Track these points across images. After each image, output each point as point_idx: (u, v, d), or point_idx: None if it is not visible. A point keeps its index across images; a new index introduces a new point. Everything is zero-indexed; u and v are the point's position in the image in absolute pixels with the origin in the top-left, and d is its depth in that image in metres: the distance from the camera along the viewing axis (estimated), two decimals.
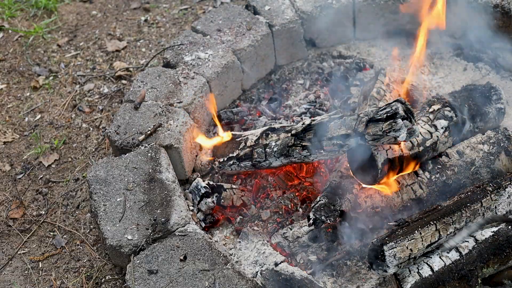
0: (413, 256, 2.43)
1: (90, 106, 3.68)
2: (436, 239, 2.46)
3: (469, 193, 2.60)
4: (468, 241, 2.49)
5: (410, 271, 2.41)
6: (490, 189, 2.60)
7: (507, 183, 2.64)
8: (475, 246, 2.47)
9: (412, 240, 2.41)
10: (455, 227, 2.50)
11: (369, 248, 2.45)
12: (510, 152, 2.85)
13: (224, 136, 3.07)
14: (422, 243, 2.43)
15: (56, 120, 3.61)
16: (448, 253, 2.46)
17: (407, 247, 2.40)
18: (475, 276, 2.43)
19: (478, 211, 2.55)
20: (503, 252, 2.47)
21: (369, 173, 2.66)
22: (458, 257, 2.44)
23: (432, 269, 2.41)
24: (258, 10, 3.61)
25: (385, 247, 2.38)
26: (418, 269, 2.41)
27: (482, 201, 2.57)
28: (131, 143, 2.98)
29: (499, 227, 2.51)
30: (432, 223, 2.46)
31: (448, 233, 2.49)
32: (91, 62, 3.97)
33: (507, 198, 2.62)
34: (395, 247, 2.38)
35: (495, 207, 2.58)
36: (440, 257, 2.45)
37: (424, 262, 2.44)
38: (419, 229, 2.43)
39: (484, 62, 3.53)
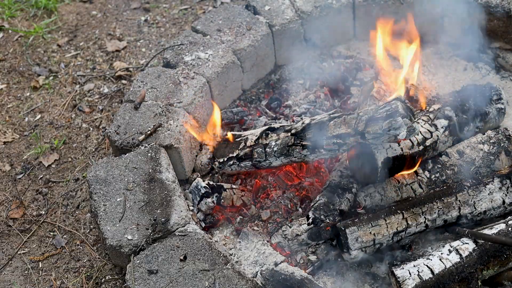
0: (378, 242, 2.54)
1: (90, 106, 3.68)
2: (404, 227, 2.57)
3: (444, 187, 2.69)
4: (468, 243, 2.48)
5: (410, 273, 2.40)
6: (468, 184, 2.65)
7: (488, 180, 2.66)
8: (475, 248, 2.46)
9: (376, 226, 2.55)
10: (425, 218, 2.59)
11: (335, 231, 2.61)
12: (510, 152, 2.85)
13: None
14: (388, 230, 2.55)
15: (56, 120, 3.61)
16: (448, 255, 2.45)
17: (370, 232, 2.53)
18: (475, 279, 2.42)
19: (453, 205, 2.62)
20: (503, 254, 2.46)
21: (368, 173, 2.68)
22: (459, 260, 2.43)
23: (432, 272, 2.40)
24: (258, 10, 3.61)
25: (347, 230, 2.53)
26: (419, 272, 2.40)
27: (458, 195, 2.63)
28: (131, 143, 2.98)
29: (499, 229, 2.50)
30: (399, 211, 2.59)
31: (417, 222, 2.57)
32: (91, 62, 3.97)
33: (488, 195, 2.63)
34: (358, 231, 2.53)
35: (474, 203, 2.62)
36: (440, 260, 2.43)
37: (424, 265, 2.42)
38: (385, 216, 2.57)
39: (484, 62, 3.53)
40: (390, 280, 2.52)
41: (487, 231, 2.50)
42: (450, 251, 2.46)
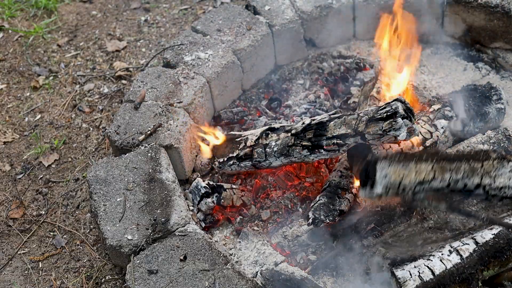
0: (403, 186, 2.44)
1: (90, 106, 3.68)
2: (430, 178, 2.45)
3: (472, 152, 2.58)
4: (468, 244, 2.48)
5: (411, 274, 2.38)
6: (494, 156, 2.55)
7: (511, 158, 2.60)
8: (476, 249, 2.44)
9: (407, 169, 2.42)
10: (451, 176, 2.48)
11: (364, 164, 2.47)
12: (510, 152, 2.85)
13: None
14: (415, 176, 2.44)
15: (56, 120, 3.61)
16: (449, 255, 2.44)
17: (399, 173, 2.41)
18: (475, 279, 2.41)
19: (477, 171, 2.50)
20: (503, 254, 2.44)
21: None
22: (459, 260, 2.41)
23: (433, 273, 2.38)
24: (258, 10, 3.61)
25: (378, 164, 2.41)
26: (419, 273, 2.39)
27: (484, 162, 2.51)
28: (131, 143, 2.98)
29: (499, 230, 2.49)
30: (430, 161, 2.46)
31: (443, 177, 2.47)
32: (91, 62, 3.97)
33: (509, 172, 2.56)
34: (388, 168, 2.41)
35: (495, 176, 2.51)
36: (441, 260, 2.42)
37: (425, 266, 2.41)
38: (416, 161, 2.45)
39: (484, 62, 3.53)
40: (390, 280, 2.51)
41: (489, 232, 2.48)
42: (450, 252, 2.45)
